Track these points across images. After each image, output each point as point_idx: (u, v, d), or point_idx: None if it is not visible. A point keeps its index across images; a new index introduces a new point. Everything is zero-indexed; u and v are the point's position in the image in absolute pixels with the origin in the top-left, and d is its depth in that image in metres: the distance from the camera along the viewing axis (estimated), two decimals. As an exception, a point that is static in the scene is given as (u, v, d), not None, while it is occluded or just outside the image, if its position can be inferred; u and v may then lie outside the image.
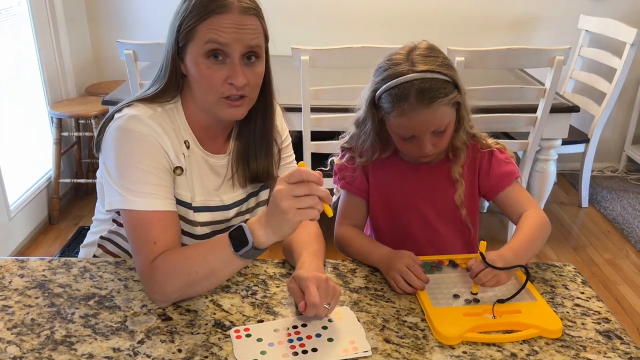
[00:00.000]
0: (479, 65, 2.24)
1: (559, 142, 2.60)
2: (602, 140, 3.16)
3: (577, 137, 3.03)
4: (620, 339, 0.99)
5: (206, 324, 1.01)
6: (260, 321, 1.02)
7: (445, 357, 0.94)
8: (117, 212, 1.19)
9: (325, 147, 2.31)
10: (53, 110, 2.84)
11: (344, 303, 1.07)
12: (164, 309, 1.05)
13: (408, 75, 1.16)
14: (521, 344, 0.97)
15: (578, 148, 3.06)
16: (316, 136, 2.31)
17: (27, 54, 2.80)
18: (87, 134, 3.07)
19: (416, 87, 1.15)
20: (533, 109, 2.39)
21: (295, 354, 0.94)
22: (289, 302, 1.08)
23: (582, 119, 3.18)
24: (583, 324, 1.03)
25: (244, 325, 1.01)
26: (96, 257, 1.28)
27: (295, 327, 1.00)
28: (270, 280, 1.15)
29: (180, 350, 0.94)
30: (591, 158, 3.10)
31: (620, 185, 3.45)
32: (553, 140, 2.58)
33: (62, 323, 1.00)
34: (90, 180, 3.04)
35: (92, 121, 2.87)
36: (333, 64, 2.22)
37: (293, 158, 1.34)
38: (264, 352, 0.94)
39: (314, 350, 0.95)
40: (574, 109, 2.51)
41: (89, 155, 3.26)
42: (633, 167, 3.63)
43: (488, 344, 0.97)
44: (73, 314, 1.03)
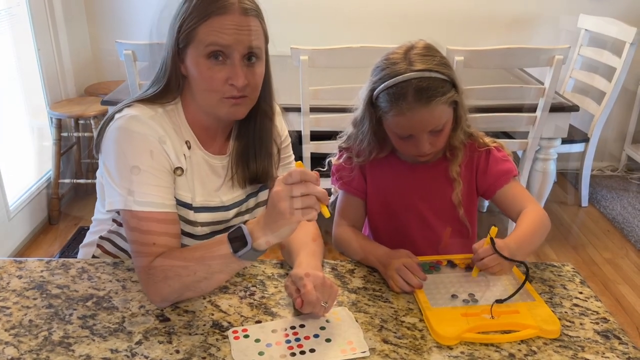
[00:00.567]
0: (478, 64, 2.24)
1: (559, 141, 2.60)
2: (602, 139, 3.16)
3: (576, 136, 3.03)
4: (619, 339, 0.99)
5: (204, 325, 1.01)
6: (259, 322, 1.02)
7: (443, 357, 0.94)
8: (117, 212, 1.19)
9: (324, 147, 2.31)
10: (52, 111, 2.83)
11: (342, 304, 1.07)
12: (161, 310, 1.04)
13: (406, 75, 1.16)
14: (519, 344, 0.97)
15: (578, 147, 3.06)
16: (315, 136, 2.31)
17: (26, 55, 2.80)
18: (86, 134, 3.07)
19: (414, 86, 1.15)
20: (532, 109, 2.38)
21: (293, 354, 0.94)
22: (287, 302, 1.07)
23: (581, 119, 3.18)
24: (581, 324, 1.03)
25: (242, 326, 1.01)
26: (95, 257, 1.28)
27: (293, 327, 1.00)
28: (269, 280, 1.15)
29: (178, 352, 0.94)
30: (591, 157, 3.09)
31: (620, 184, 3.45)
32: (553, 139, 2.57)
33: (60, 324, 1.00)
34: (90, 181, 3.04)
35: (92, 121, 2.87)
36: (332, 64, 2.22)
37: (292, 159, 1.34)
38: (261, 353, 0.94)
39: (312, 350, 0.95)
40: (574, 108, 2.50)
41: (88, 156, 3.26)
42: (633, 166, 3.62)
43: (486, 345, 0.97)
44: (71, 315, 1.03)
